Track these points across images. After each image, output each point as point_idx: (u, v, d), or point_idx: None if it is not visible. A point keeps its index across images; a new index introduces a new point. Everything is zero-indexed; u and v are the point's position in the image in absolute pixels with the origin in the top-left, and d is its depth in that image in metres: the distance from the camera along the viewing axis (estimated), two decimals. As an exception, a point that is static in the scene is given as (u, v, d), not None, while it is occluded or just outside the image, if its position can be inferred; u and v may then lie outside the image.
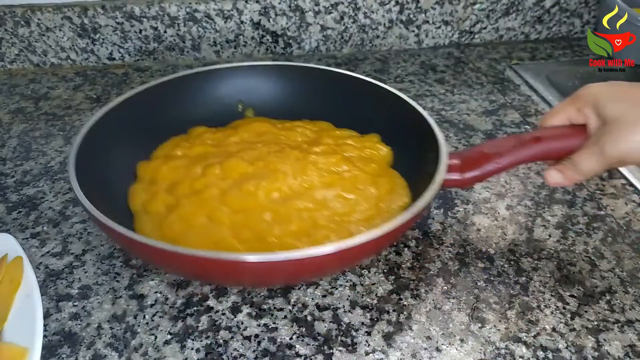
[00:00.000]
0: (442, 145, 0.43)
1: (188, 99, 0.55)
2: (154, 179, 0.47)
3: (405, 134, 0.49)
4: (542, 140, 0.42)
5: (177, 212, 0.43)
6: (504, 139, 0.44)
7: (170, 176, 0.47)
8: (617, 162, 0.38)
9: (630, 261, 0.44)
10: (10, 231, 0.47)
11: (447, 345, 0.37)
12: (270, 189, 0.44)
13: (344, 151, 0.50)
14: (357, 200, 0.45)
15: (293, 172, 0.46)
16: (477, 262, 0.44)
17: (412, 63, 0.77)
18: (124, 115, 0.49)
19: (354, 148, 0.50)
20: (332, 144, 0.51)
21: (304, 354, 0.37)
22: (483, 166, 0.42)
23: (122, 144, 0.48)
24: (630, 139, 0.36)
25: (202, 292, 0.41)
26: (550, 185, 0.42)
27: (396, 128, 0.50)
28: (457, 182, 0.43)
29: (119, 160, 0.47)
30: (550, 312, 0.40)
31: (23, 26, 0.71)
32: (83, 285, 0.42)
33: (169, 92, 0.54)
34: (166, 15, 0.72)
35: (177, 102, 0.54)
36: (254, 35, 0.76)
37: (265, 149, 0.49)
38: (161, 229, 0.42)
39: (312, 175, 0.46)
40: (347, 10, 0.75)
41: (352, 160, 0.49)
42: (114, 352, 0.37)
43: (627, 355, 0.37)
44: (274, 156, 0.48)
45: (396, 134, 0.50)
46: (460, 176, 0.43)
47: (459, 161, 0.43)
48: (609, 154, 0.38)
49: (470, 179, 0.43)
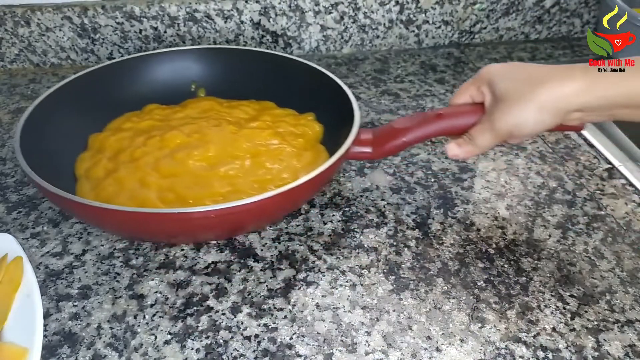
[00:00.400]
0: (356, 121, 0.48)
1: (145, 78, 0.60)
2: (101, 148, 0.52)
3: (336, 113, 0.52)
4: (444, 117, 0.46)
5: (113, 176, 0.47)
6: (411, 116, 0.48)
7: (116, 145, 0.52)
8: (507, 135, 0.41)
9: (630, 261, 0.44)
10: (10, 231, 0.47)
11: (447, 345, 0.37)
12: (200, 158, 0.49)
13: (278, 127, 0.54)
14: (279, 170, 0.49)
15: (224, 143, 0.50)
16: (477, 262, 0.44)
17: (412, 63, 0.77)
18: (79, 91, 0.54)
19: (288, 125, 0.55)
20: (269, 121, 0.55)
21: (304, 354, 0.37)
22: (392, 141, 0.47)
23: (77, 118, 0.53)
24: (516, 114, 0.39)
25: (202, 292, 0.41)
26: (450, 157, 0.45)
27: (329, 107, 0.54)
28: (369, 155, 0.48)
29: (73, 132, 0.52)
30: (550, 312, 0.40)
31: (23, 26, 0.71)
32: (83, 285, 0.42)
33: (126, 71, 0.59)
34: (166, 15, 0.72)
35: (134, 81, 0.59)
36: (254, 35, 0.76)
37: (205, 124, 0.54)
38: (96, 191, 0.46)
39: (241, 147, 0.50)
40: (347, 10, 0.75)
41: (283, 135, 0.53)
42: (114, 352, 0.37)
43: (627, 355, 0.37)
44: (210, 129, 0.52)
45: (329, 113, 0.54)
46: (372, 149, 0.48)
47: (371, 136, 0.48)
48: (499, 128, 0.41)
49: (380, 152, 0.48)
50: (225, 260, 0.44)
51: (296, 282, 0.42)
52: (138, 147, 0.50)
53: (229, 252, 0.45)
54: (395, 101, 0.66)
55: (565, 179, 0.54)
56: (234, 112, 0.57)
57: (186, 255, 0.45)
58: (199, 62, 0.62)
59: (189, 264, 0.44)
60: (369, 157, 0.48)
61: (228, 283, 0.42)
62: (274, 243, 0.46)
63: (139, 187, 0.46)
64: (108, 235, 0.47)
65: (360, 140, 0.47)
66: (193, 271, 0.43)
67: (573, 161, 0.56)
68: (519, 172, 0.55)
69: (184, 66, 0.62)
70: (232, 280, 0.42)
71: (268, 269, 0.43)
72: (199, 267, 0.44)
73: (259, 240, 0.46)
